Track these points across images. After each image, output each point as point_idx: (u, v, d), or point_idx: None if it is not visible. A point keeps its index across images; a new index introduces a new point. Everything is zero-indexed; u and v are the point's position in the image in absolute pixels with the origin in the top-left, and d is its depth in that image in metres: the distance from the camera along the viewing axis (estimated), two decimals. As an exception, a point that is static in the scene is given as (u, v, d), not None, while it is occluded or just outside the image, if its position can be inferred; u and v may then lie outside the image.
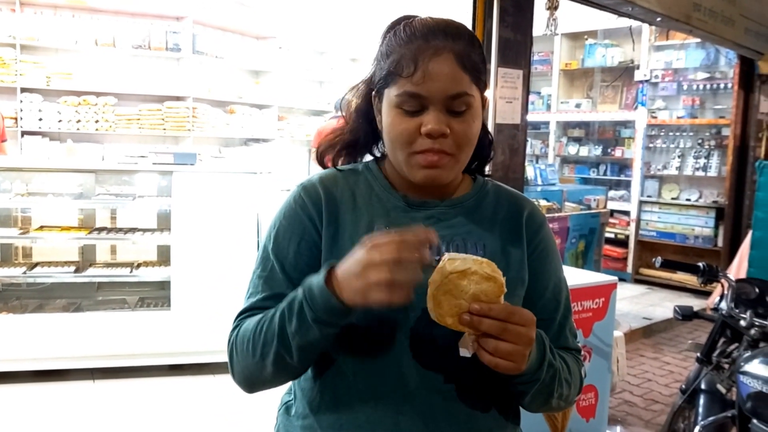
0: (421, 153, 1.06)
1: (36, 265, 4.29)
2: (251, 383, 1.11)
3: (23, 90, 5.68)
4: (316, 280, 0.97)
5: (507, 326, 0.93)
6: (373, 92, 1.13)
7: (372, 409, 1.07)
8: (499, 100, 3.75)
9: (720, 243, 6.99)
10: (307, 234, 1.12)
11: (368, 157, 1.25)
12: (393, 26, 1.12)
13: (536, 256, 1.17)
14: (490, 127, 3.32)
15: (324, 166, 1.23)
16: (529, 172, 5.91)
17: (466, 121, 1.06)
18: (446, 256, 0.97)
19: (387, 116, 1.08)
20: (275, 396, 1.23)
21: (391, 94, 1.07)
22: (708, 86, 7.20)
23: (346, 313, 0.96)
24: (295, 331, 0.99)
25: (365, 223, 1.11)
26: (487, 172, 1.28)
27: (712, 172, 7.16)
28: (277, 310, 1.03)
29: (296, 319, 0.98)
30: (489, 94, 3.71)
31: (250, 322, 1.07)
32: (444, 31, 1.06)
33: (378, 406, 1.07)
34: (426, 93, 1.03)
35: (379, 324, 1.05)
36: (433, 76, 1.03)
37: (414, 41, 1.05)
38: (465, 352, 0.99)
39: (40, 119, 5.73)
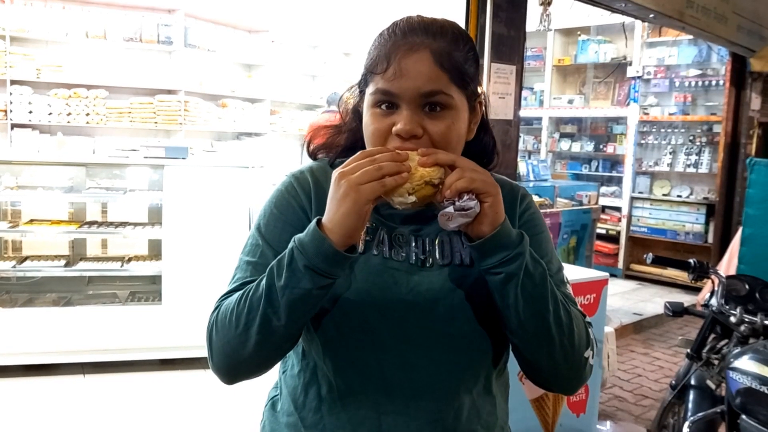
0: None
1: (26, 259, 4.26)
2: (231, 365, 1.03)
3: (13, 82, 5.63)
4: (307, 228, 0.95)
5: (457, 158, 0.96)
6: (359, 90, 1.11)
7: (354, 409, 1.05)
8: (492, 95, 3.75)
9: (710, 239, 7.03)
10: (299, 225, 1.08)
11: None
12: (385, 27, 1.09)
13: (521, 228, 1.10)
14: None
15: (312, 156, 1.21)
16: (522, 167, 5.92)
17: (443, 122, 1.01)
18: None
19: (365, 115, 1.06)
20: (265, 390, 1.23)
21: (368, 92, 1.04)
22: (700, 83, 7.23)
23: (337, 257, 0.93)
24: (285, 284, 0.94)
25: None
26: None
27: (704, 169, 7.19)
28: (264, 275, 0.98)
29: (286, 271, 0.94)
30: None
31: (233, 297, 1.02)
32: (426, 29, 1.02)
33: (360, 406, 1.05)
34: (397, 90, 0.99)
35: (361, 322, 1.04)
36: (405, 73, 0.99)
37: (392, 38, 1.02)
38: (448, 224, 0.95)
39: (30, 112, 5.68)
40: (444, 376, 1.06)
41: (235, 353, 1.01)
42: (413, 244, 1.09)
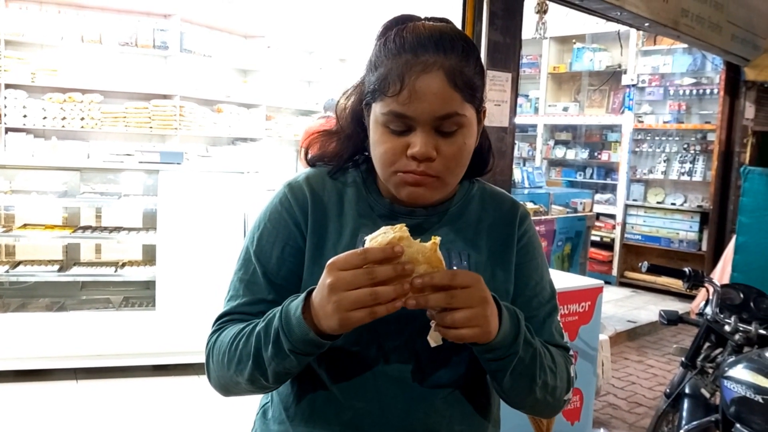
0: (404, 173, 1.01)
1: (19, 263, 4.24)
2: (226, 391, 1.09)
3: (7, 86, 5.61)
4: (294, 307, 0.93)
5: (453, 293, 0.88)
6: (363, 102, 1.09)
7: (348, 423, 1.05)
8: (488, 102, 3.74)
9: (704, 247, 7.04)
10: (292, 239, 1.09)
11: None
12: (386, 31, 1.05)
13: (520, 254, 1.14)
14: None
15: (312, 165, 1.19)
16: (517, 174, 5.93)
17: (456, 142, 1.01)
18: (366, 239, 0.92)
19: (373, 132, 1.04)
20: (257, 398, 1.22)
21: (377, 110, 1.02)
22: (694, 91, 7.26)
23: (323, 344, 0.93)
24: (271, 358, 0.96)
25: (349, 231, 1.09)
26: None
27: (698, 177, 7.21)
28: (254, 330, 0.99)
29: (273, 347, 0.95)
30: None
31: (228, 334, 1.04)
32: (436, 43, 0.99)
33: (354, 420, 1.05)
34: (412, 114, 0.97)
35: (363, 332, 1.02)
36: (421, 96, 0.96)
37: (402, 55, 0.98)
38: (434, 342, 0.94)
39: (25, 116, 5.66)
40: (441, 387, 1.06)
41: (229, 386, 1.07)
42: None
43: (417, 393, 1.05)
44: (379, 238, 0.90)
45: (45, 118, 5.74)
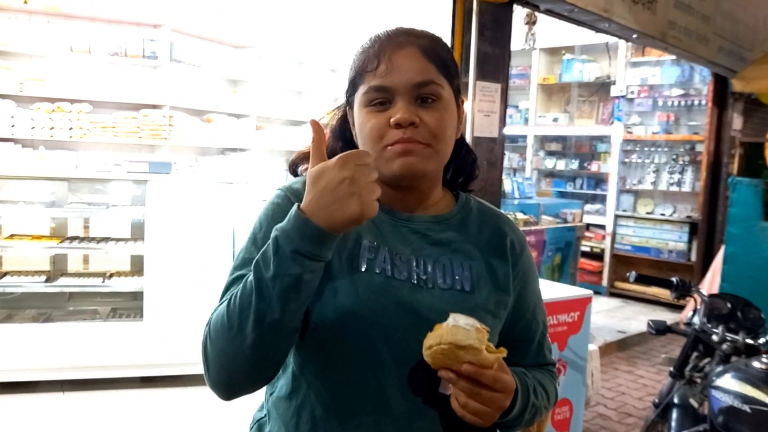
0: (393, 144, 1.04)
1: (5, 274, 4.20)
2: (228, 376, 0.99)
3: (-5, 96, 5.58)
4: (287, 217, 0.93)
5: (482, 391, 0.94)
6: (347, 107, 1.12)
7: (352, 431, 1.04)
8: (477, 113, 3.76)
9: (693, 257, 7.08)
10: None
11: None
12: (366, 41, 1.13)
13: (519, 280, 1.17)
14: (468, 140, 3.33)
15: (295, 174, 1.20)
16: (507, 185, 5.94)
17: (437, 110, 1.06)
18: (451, 318, 0.95)
19: (358, 118, 1.08)
20: (249, 410, 1.21)
21: (359, 95, 1.07)
22: (683, 103, 7.31)
23: (323, 237, 0.91)
24: (275, 274, 0.91)
25: (353, 237, 1.07)
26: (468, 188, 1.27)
27: (686, 188, 7.26)
28: (248, 274, 0.96)
29: (274, 261, 0.91)
30: (467, 107, 3.74)
31: (223, 305, 0.99)
32: (407, 31, 1.09)
33: (359, 427, 1.04)
34: (391, 84, 1.03)
35: (362, 341, 1.03)
36: (397, 66, 1.03)
37: (377, 42, 1.07)
38: (445, 390, 0.98)
39: (13, 126, 5.62)
40: (443, 397, 1.05)
41: (232, 361, 0.96)
42: (414, 264, 1.09)
43: (422, 404, 1.05)
44: (459, 334, 0.93)
45: (33, 128, 5.71)
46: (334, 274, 1.04)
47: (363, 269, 1.05)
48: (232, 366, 0.97)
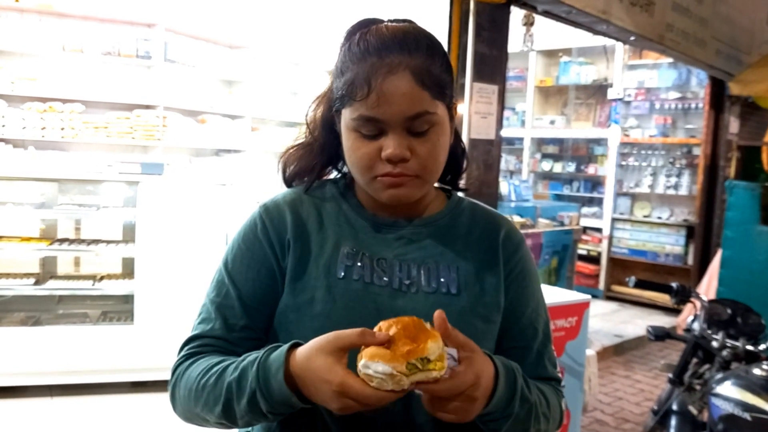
0: (383, 176, 1.00)
1: (-6, 276, 4.14)
2: (190, 422, 1.05)
3: (-14, 95, 5.52)
4: (273, 367, 0.89)
5: (443, 402, 0.88)
6: (333, 109, 1.07)
7: None
8: (474, 115, 3.72)
9: (690, 261, 7.06)
10: (267, 262, 1.05)
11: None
12: (350, 36, 1.06)
13: (512, 279, 1.11)
14: (465, 142, 3.27)
15: (289, 184, 1.16)
16: (503, 187, 5.90)
17: (429, 140, 0.99)
18: (361, 365, 0.84)
19: (346, 139, 1.02)
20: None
21: (347, 116, 1.01)
22: (680, 106, 7.29)
23: (307, 406, 0.91)
24: (245, 412, 0.93)
25: (331, 245, 1.06)
26: (461, 186, 1.22)
27: (683, 191, 7.24)
28: (224, 375, 0.94)
29: (247, 405, 0.92)
30: (464, 108, 3.70)
31: (196, 369, 0.99)
32: (400, 43, 0.98)
33: None
34: (382, 116, 0.96)
35: None
36: (389, 98, 0.95)
37: (367, 58, 0.98)
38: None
39: (3, 125, 5.56)
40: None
41: (195, 421, 1.03)
42: (397, 268, 1.05)
43: (401, 413, 1.01)
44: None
45: (24, 128, 5.64)
46: (311, 282, 1.03)
47: (341, 276, 1.03)
48: (194, 421, 1.03)
